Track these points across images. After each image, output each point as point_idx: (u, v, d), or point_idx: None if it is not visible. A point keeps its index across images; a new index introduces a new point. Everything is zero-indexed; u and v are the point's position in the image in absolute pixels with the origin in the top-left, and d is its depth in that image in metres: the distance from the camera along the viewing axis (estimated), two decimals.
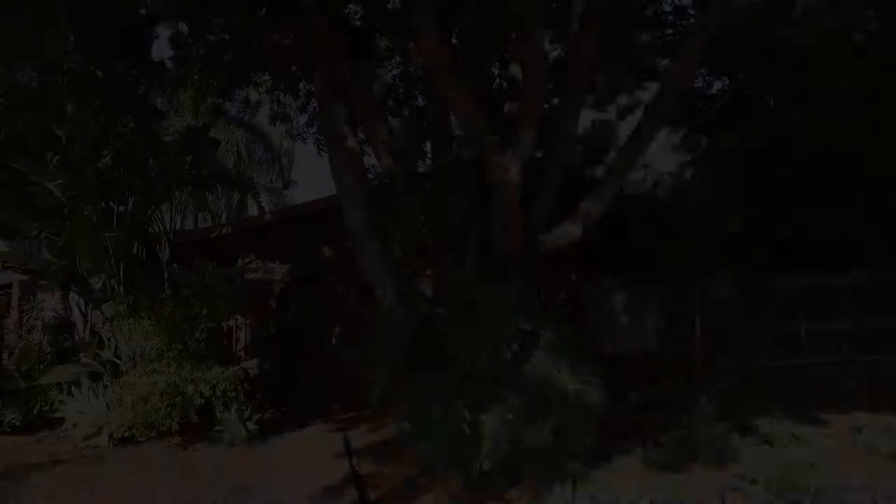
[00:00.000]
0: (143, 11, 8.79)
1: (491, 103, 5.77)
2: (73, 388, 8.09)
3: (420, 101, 8.77)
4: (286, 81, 9.57)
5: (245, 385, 9.49)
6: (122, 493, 5.90)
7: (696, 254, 8.79)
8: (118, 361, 7.89)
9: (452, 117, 6.40)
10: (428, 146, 7.31)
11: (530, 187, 5.64)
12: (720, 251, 9.16)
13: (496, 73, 7.97)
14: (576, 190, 6.14)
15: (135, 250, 9.16)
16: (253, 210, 20.45)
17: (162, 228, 9.30)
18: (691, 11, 7.96)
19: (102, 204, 8.36)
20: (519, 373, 4.85)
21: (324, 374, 10.67)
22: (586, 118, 7.91)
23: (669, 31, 7.91)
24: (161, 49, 10.97)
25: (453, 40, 6.92)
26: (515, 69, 7.00)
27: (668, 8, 8.39)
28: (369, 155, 7.08)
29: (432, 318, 5.22)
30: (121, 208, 9.01)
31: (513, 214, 5.41)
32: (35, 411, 8.36)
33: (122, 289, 7.79)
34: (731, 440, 5.91)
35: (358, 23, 8.57)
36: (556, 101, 7.35)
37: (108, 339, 8.10)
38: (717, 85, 9.37)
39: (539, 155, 6.07)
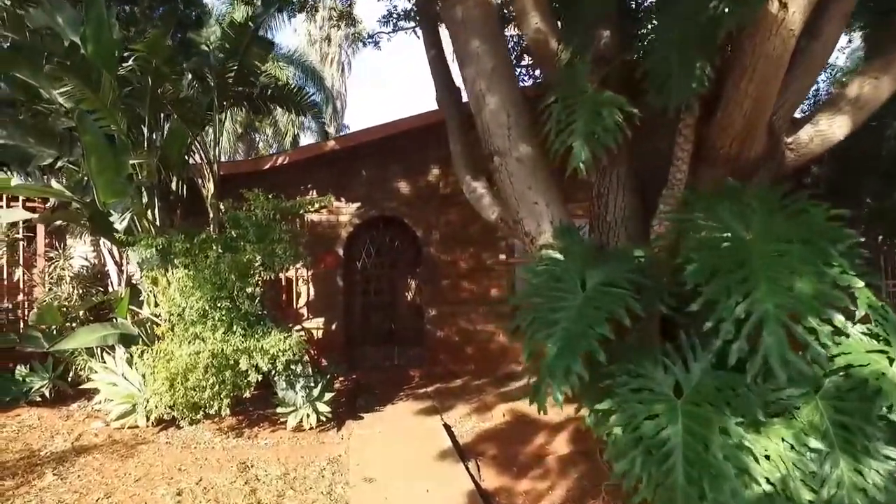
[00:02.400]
0: None
1: None
2: (104, 354, 6.32)
3: None
4: None
5: (312, 350, 7.59)
6: None
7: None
8: (158, 322, 6.00)
9: None
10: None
11: None
12: None
13: None
14: None
15: (174, 185, 7.21)
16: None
17: (205, 158, 7.25)
18: None
19: (131, 129, 6.32)
20: (829, 362, 2.55)
21: (403, 335, 8.67)
22: None
23: None
24: None
25: None
26: None
27: None
28: None
29: (647, 266, 2.93)
30: (155, 135, 7.01)
31: (768, 94, 3.01)
32: (69, 377, 6.70)
33: (153, 229, 5.81)
34: None
35: None
36: None
37: (147, 295, 6.20)
38: None
39: None
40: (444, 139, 8.52)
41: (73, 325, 7.10)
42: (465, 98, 5.96)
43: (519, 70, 8.63)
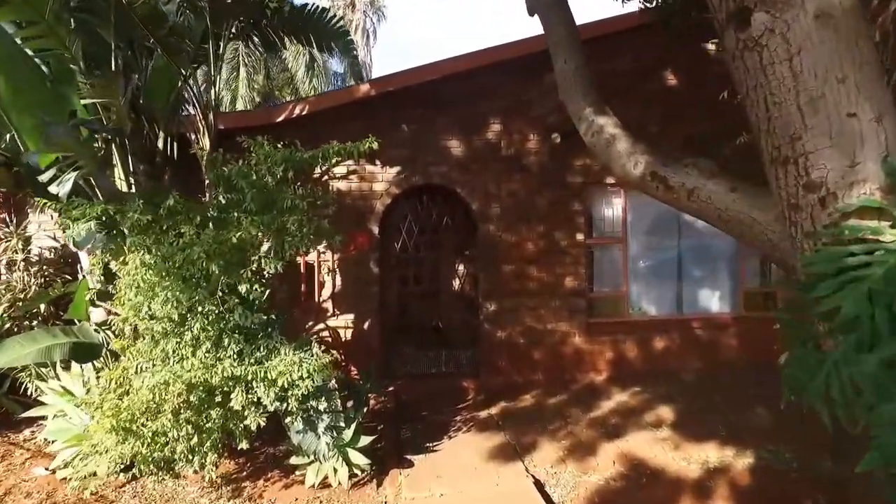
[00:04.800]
0: None
1: None
2: (60, 368, 4.51)
3: None
4: None
5: (339, 356, 5.70)
6: None
7: None
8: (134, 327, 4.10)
9: None
10: None
11: None
12: None
13: None
14: None
15: (160, 142, 5.32)
16: None
17: (199, 106, 5.30)
18: None
19: (92, 60, 4.42)
20: None
21: (452, 335, 6.71)
22: None
23: None
24: None
25: None
26: None
27: None
28: None
29: None
30: (128, 70, 5.13)
31: None
32: (28, 394, 4.94)
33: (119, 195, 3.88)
34: None
35: None
36: None
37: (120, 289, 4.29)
38: None
39: None
40: (508, 85, 6.40)
41: (34, 323, 5.33)
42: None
43: None
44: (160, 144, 5.37)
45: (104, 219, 3.26)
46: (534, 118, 6.31)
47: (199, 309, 3.23)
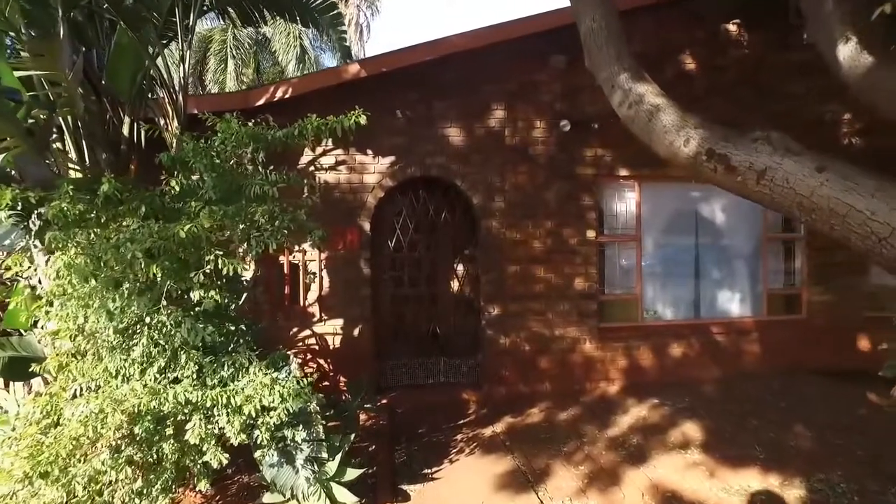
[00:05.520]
0: None
1: None
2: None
3: None
4: None
5: (327, 366, 5.11)
6: None
7: None
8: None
9: None
10: None
11: None
12: None
13: None
14: None
15: (125, 129, 4.68)
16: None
17: (168, 87, 4.67)
18: None
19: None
20: None
21: (450, 342, 6.09)
22: None
23: None
24: None
25: None
26: None
27: None
28: None
29: None
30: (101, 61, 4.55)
31: None
32: None
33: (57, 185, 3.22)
34: None
35: None
36: None
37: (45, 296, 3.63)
38: None
39: None
40: (513, 67, 5.67)
41: None
42: None
43: None
44: (125, 130, 4.73)
45: (20, 208, 2.63)
46: (541, 104, 5.71)
47: (147, 320, 2.60)
